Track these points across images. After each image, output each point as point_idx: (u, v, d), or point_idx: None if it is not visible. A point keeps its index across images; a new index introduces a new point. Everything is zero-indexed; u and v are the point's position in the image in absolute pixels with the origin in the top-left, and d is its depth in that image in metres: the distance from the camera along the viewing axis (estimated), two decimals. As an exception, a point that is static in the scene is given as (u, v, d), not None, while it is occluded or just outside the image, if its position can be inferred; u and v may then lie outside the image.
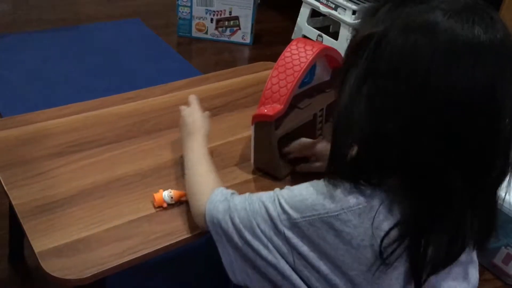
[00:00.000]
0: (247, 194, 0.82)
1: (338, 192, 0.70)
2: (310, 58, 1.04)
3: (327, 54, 1.14)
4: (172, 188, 0.99)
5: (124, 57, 2.55)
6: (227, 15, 2.75)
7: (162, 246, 0.90)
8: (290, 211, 0.73)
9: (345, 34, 2.58)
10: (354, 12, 2.53)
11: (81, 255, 0.87)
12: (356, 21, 2.53)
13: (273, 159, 1.05)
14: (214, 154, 1.13)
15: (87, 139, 1.14)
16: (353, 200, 0.69)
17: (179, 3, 2.73)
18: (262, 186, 1.06)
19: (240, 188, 1.04)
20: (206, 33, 2.80)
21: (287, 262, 0.75)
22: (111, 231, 0.92)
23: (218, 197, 0.83)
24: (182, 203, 0.99)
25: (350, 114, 0.67)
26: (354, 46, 0.68)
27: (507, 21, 0.65)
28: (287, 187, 0.78)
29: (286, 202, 0.74)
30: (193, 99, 1.10)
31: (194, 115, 1.05)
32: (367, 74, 0.66)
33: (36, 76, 2.29)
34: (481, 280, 0.88)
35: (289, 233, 0.73)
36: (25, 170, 1.02)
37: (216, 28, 2.79)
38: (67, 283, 0.83)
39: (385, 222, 0.68)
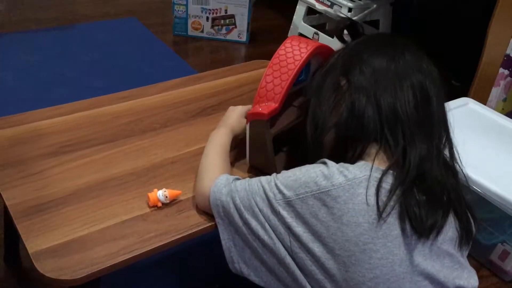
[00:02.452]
0: (247, 178, 0.88)
1: (329, 171, 0.78)
2: (305, 56, 1.03)
3: (321, 51, 1.13)
4: (166, 188, 0.98)
5: (120, 56, 2.54)
6: (223, 13, 2.74)
7: (156, 246, 0.90)
8: (285, 190, 0.80)
9: (341, 32, 2.58)
10: (350, 10, 2.52)
11: (75, 255, 0.86)
12: (353, 18, 2.53)
13: (268, 157, 1.05)
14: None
15: (81, 138, 1.13)
16: (341, 177, 0.76)
17: (175, 2, 2.72)
18: (257, 184, 1.06)
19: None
20: (202, 31, 2.80)
21: (283, 245, 0.79)
22: (106, 231, 0.91)
23: (222, 181, 0.90)
24: (177, 202, 0.99)
25: (325, 106, 0.87)
26: (337, 60, 0.92)
27: (498, 29, 0.68)
28: (284, 171, 0.85)
29: (281, 182, 0.81)
30: (249, 106, 1.15)
31: (231, 112, 1.12)
32: (347, 81, 0.86)
33: (31, 76, 2.28)
34: (478, 276, 0.87)
35: (284, 213, 0.79)
36: (19, 171, 1.02)
37: (212, 27, 2.78)
38: (61, 284, 0.83)
39: (373, 189, 0.76)
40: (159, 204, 0.97)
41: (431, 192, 0.78)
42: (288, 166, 1.10)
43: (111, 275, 0.87)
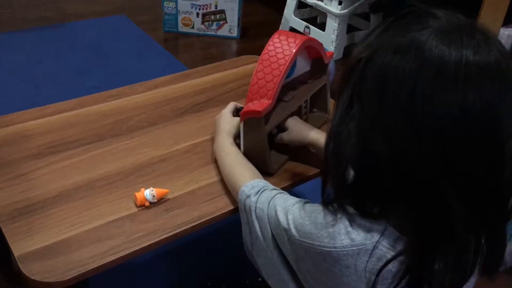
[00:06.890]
0: (272, 194, 0.85)
1: (335, 228, 0.68)
2: (294, 51, 1.02)
3: (309, 45, 1.12)
4: (154, 187, 0.97)
5: (110, 54, 2.52)
6: (213, 9, 2.72)
7: (144, 245, 0.89)
8: (293, 230, 0.74)
9: (332, 25, 2.57)
10: (340, 3, 2.51)
11: (62, 257, 0.85)
12: (342, 12, 2.52)
13: (263, 154, 1.04)
14: (199, 150, 1.12)
15: (68, 139, 1.12)
16: (347, 240, 0.66)
17: (164, -2, 2.71)
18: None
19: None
20: (193, 27, 2.78)
21: (288, 268, 0.80)
22: (93, 232, 0.90)
23: (247, 189, 0.90)
24: (165, 201, 0.98)
25: (340, 135, 0.66)
26: (346, 70, 0.68)
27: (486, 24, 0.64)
28: (303, 204, 0.77)
29: (293, 219, 0.75)
30: (230, 103, 1.15)
31: (219, 118, 1.11)
32: (354, 95, 0.65)
33: (21, 76, 2.26)
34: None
35: (291, 247, 0.76)
36: (5, 173, 1.01)
37: (203, 23, 2.77)
38: (48, 286, 0.82)
39: (379, 263, 0.66)
40: (147, 204, 0.96)
41: (450, 269, 0.65)
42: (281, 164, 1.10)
43: (100, 275, 0.87)
